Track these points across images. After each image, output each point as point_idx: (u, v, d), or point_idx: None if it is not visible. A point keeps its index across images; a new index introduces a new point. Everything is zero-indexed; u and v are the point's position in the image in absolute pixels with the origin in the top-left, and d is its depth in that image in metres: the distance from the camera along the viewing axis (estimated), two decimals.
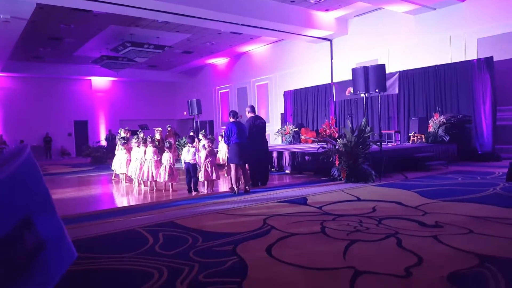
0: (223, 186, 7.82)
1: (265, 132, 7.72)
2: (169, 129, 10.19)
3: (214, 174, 7.03)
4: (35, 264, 0.99)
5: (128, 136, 9.57)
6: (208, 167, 7.02)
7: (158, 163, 7.64)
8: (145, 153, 7.92)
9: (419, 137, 11.14)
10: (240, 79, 20.66)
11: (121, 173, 9.04)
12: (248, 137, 7.16)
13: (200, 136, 10.05)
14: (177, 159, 10.85)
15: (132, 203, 6.62)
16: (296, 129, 15.01)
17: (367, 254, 3.22)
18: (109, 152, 16.73)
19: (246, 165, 7.19)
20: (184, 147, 7.97)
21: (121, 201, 7.12)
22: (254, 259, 3.16)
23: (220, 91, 22.34)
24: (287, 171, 9.62)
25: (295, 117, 16.52)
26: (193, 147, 7.27)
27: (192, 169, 7.15)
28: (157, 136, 10.83)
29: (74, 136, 22.86)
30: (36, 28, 13.85)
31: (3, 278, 0.92)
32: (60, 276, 1.03)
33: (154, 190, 7.59)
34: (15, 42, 14.20)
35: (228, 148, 7.14)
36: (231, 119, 7.13)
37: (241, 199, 6.11)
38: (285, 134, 14.94)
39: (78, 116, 22.91)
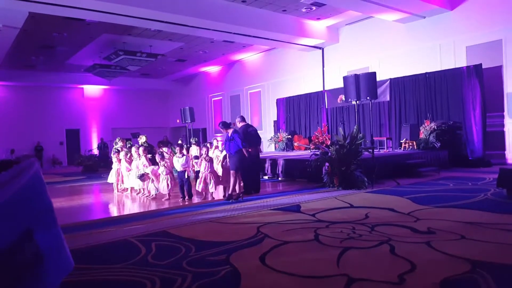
0: (216, 194, 7.78)
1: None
2: (159, 145, 10.17)
3: (212, 184, 7.06)
4: (33, 275, 1.03)
5: (122, 144, 9.46)
6: (207, 178, 7.03)
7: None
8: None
9: (410, 143, 11.25)
10: (233, 87, 20.71)
11: (112, 183, 8.96)
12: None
13: (193, 145, 9.99)
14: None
15: (124, 212, 6.56)
16: (289, 136, 15.05)
17: (360, 261, 3.22)
18: (101, 161, 16.65)
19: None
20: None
21: (113, 211, 7.06)
22: (247, 268, 3.15)
23: (213, 99, 22.36)
24: (280, 178, 9.63)
25: (287, 124, 16.59)
26: (183, 155, 7.28)
27: (183, 176, 7.16)
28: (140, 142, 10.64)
29: (66, 145, 22.61)
30: (28, 36, 13.78)
31: None
32: (57, 286, 1.08)
33: (149, 198, 7.56)
34: (6, 50, 14.11)
35: (226, 157, 7.08)
36: (229, 130, 7.07)
37: (234, 207, 6.09)
38: (278, 142, 14.97)
39: (70, 124, 22.69)
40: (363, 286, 2.71)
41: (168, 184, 7.24)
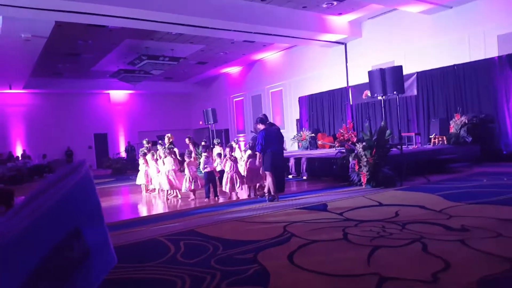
0: (241, 194, 7.78)
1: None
2: (187, 141, 10.13)
3: (239, 184, 7.08)
4: (80, 271, 1.10)
5: (149, 146, 9.61)
6: (233, 178, 7.05)
7: (177, 172, 7.69)
8: (163, 163, 7.99)
9: (440, 138, 10.88)
10: (254, 87, 20.72)
11: (141, 184, 9.11)
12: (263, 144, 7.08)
13: (216, 146, 10.01)
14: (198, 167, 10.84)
15: (153, 212, 6.69)
16: (312, 134, 14.88)
17: (391, 260, 3.13)
18: (129, 163, 17.04)
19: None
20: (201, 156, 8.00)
21: (142, 211, 7.20)
22: (276, 267, 3.13)
23: (234, 100, 22.44)
24: (305, 177, 9.53)
25: (311, 122, 16.41)
26: (207, 156, 7.32)
27: (207, 176, 7.20)
28: (166, 141, 10.65)
29: (95, 149, 23.28)
30: (55, 45, 14.23)
31: (50, 285, 1.02)
32: (101, 281, 1.15)
33: (178, 198, 7.67)
34: (35, 59, 14.65)
35: (262, 156, 6.88)
36: (261, 127, 6.86)
37: (259, 207, 6.07)
38: (301, 140, 14.84)
39: (98, 129, 23.35)
40: (395, 285, 2.63)
41: (191, 184, 7.26)
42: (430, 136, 11.30)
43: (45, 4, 9.41)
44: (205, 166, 7.21)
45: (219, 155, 7.98)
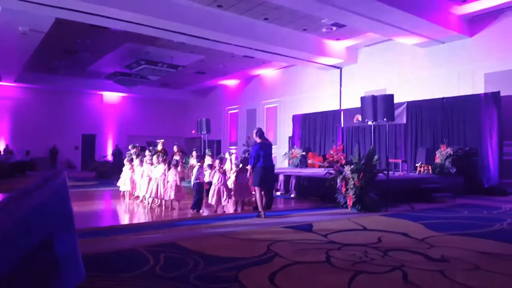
0: (227, 208, 7.78)
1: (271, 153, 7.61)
2: (175, 149, 10.13)
3: (225, 197, 7.04)
4: (49, 282, 1.05)
5: (137, 151, 9.57)
6: (220, 190, 7.02)
7: (165, 181, 7.63)
8: (151, 170, 7.95)
9: (425, 167, 11.11)
10: (250, 101, 20.90)
11: (125, 190, 9.00)
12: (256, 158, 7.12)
13: (207, 156, 10.03)
14: (182, 177, 10.80)
15: (135, 221, 6.60)
16: (303, 153, 15.03)
17: (372, 286, 3.20)
18: (115, 168, 16.78)
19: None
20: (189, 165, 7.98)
21: (124, 219, 7.09)
22: (256, 287, 3.12)
23: (229, 112, 22.56)
24: (292, 195, 9.60)
25: (302, 141, 16.59)
26: (200, 166, 7.30)
27: (197, 188, 7.12)
28: (159, 147, 10.65)
29: (81, 150, 22.85)
30: (52, 41, 14.02)
31: None
32: None
33: (161, 207, 7.59)
34: (30, 54, 14.45)
35: (252, 171, 6.90)
36: (258, 140, 6.87)
37: (245, 222, 6.10)
38: (292, 158, 14.96)
39: (87, 129, 22.98)
40: None
41: (176, 193, 7.18)
42: (416, 164, 11.54)
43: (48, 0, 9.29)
44: (198, 177, 7.17)
45: (210, 166, 7.94)
